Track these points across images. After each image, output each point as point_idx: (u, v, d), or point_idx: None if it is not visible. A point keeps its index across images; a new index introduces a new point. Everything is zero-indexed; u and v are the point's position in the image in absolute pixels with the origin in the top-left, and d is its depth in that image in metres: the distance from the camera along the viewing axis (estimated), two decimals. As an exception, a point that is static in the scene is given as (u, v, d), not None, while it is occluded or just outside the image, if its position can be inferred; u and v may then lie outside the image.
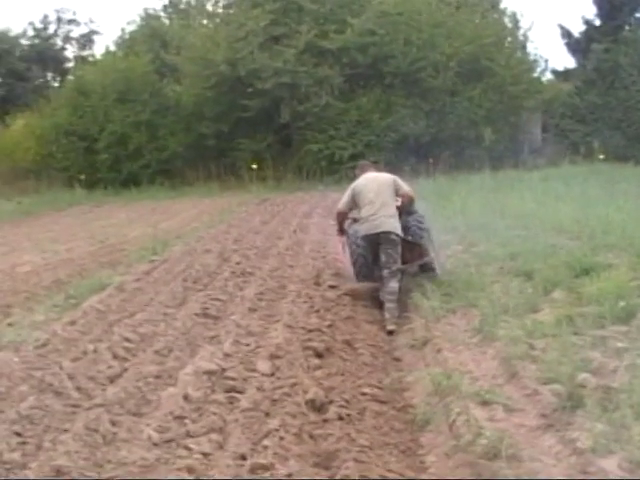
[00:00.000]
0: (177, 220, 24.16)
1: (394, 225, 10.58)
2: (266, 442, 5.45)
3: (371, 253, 10.79)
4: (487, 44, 36.00)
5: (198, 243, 17.18)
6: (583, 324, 8.32)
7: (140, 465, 5.27)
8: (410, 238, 11.04)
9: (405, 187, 11.12)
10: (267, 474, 4.93)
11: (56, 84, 49.86)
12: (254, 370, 7.30)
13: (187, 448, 5.53)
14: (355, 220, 11.38)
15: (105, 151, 37.74)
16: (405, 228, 10.95)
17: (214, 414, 6.12)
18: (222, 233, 19.02)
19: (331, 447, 5.46)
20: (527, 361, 7.21)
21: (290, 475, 4.92)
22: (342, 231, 11.54)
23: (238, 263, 13.84)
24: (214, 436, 5.72)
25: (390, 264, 10.49)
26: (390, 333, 9.61)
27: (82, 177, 37.48)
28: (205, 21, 40.34)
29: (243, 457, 5.30)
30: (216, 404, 6.37)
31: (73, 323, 9.70)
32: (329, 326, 8.98)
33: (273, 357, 7.65)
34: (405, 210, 11.07)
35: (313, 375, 7.11)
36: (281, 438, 5.50)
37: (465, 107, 35.39)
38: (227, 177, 36.65)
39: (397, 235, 10.58)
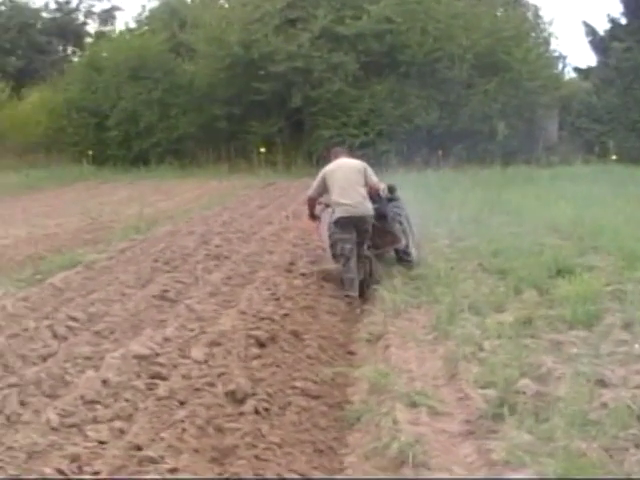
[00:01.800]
0: (177, 200, 23.96)
1: (367, 207, 10.62)
2: (166, 433, 5.19)
3: (347, 233, 10.56)
4: (505, 38, 35.45)
5: (186, 224, 16.96)
6: (543, 327, 8.09)
7: (27, 451, 5.02)
8: (385, 225, 11.23)
9: (374, 178, 11.10)
10: (151, 467, 4.67)
11: (76, 59, 49.59)
12: (187, 357, 7.05)
13: (85, 435, 5.29)
14: (327, 205, 11.35)
15: (115, 128, 37.38)
16: (382, 215, 11.12)
17: (127, 401, 5.89)
18: (214, 215, 18.80)
19: (234, 442, 5.20)
20: (472, 363, 6.96)
21: (175, 470, 4.66)
22: (313, 216, 11.62)
23: (217, 246, 13.61)
24: (118, 424, 5.48)
25: (364, 241, 10.72)
26: (347, 297, 10.09)
27: (90, 153, 37.20)
28: (222, 1, 39.85)
29: (138, 448, 5.05)
30: (133, 390, 6.13)
31: (25, 299, 9.48)
32: (284, 315, 8.71)
33: (212, 344, 7.39)
34: (380, 198, 11.22)
35: (247, 365, 6.85)
36: (183, 430, 5.24)
37: (479, 100, 34.82)
38: (237, 160, 36.31)
39: (370, 217, 10.67)
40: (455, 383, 6.58)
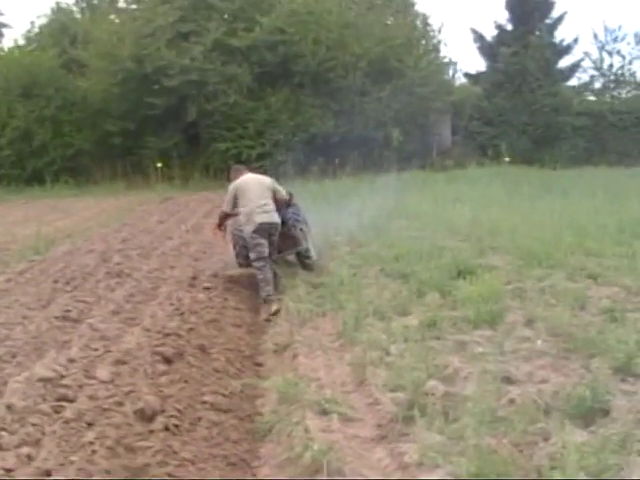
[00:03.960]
0: (74, 219, 23.45)
1: (277, 218, 11.46)
2: (76, 457, 5.07)
3: (263, 240, 11.24)
4: (397, 45, 36.00)
5: (85, 242, 16.63)
6: (447, 328, 8.18)
7: None
8: (286, 230, 11.87)
9: (282, 191, 12.02)
10: (61, 493, 4.56)
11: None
12: (93, 377, 6.89)
13: (-10, 464, 5.12)
14: (235, 215, 11.82)
15: (8, 147, 36.54)
16: (283, 221, 11.68)
17: (34, 425, 5.71)
18: (113, 232, 18.50)
19: (146, 461, 5.11)
20: (380, 367, 6.98)
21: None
22: (220, 226, 12.16)
23: (118, 264, 13.39)
24: (25, 449, 5.31)
25: (273, 250, 11.46)
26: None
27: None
28: (113, 16, 39.33)
29: (48, 473, 4.92)
30: (40, 414, 5.95)
31: None
32: (189, 330, 8.62)
33: (118, 363, 7.25)
34: (280, 208, 11.82)
35: (155, 382, 6.75)
36: (93, 452, 5.13)
37: (374, 107, 35.22)
38: (133, 176, 35.99)
39: (279, 225, 11.52)
40: (364, 388, 6.59)
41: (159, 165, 35.40)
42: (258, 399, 6.99)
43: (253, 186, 11.53)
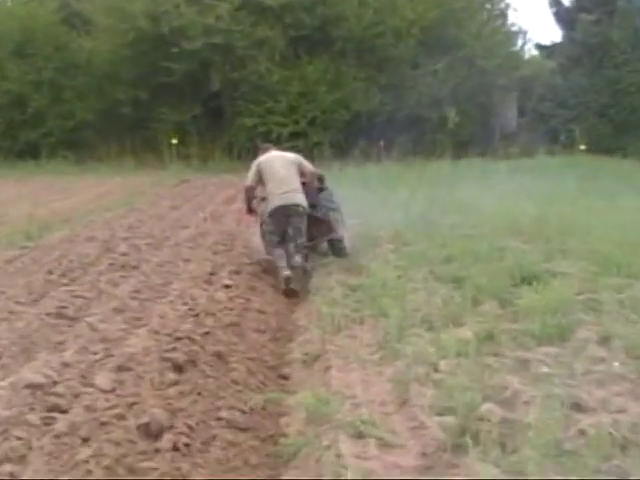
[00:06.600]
0: (74, 200, 23.69)
1: (301, 198, 12.13)
2: (67, 476, 5.10)
3: (279, 228, 12.17)
4: (456, 9, 35.85)
5: (86, 229, 16.77)
6: (507, 343, 8.14)
7: None
8: (318, 214, 12.55)
9: (309, 166, 12.82)
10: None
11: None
12: (91, 385, 6.92)
13: (-34, 485, 5.17)
14: (263, 199, 12.53)
15: (-2, 114, 36.81)
16: (313, 205, 12.50)
17: (19, 439, 5.74)
18: (119, 218, 18.65)
19: (150, 485, 5.14)
20: (426, 386, 6.96)
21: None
22: (251, 209, 12.81)
23: (124, 254, 13.48)
24: (8, 467, 5.33)
25: (297, 237, 12.08)
26: (288, 283, 11.50)
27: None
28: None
29: (34, 497, 4.96)
30: (26, 426, 5.98)
31: None
32: (205, 334, 8.65)
33: (121, 369, 7.28)
34: (311, 188, 12.51)
35: (163, 393, 6.77)
36: (88, 471, 5.16)
37: (427, 83, 35.14)
38: (144, 153, 36.19)
39: (304, 208, 12.14)
40: (407, 410, 6.56)
41: (174, 142, 35.53)
42: (283, 417, 6.98)
43: (278, 163, 12.34)
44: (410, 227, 15.24)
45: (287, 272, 11.57)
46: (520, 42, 43.35)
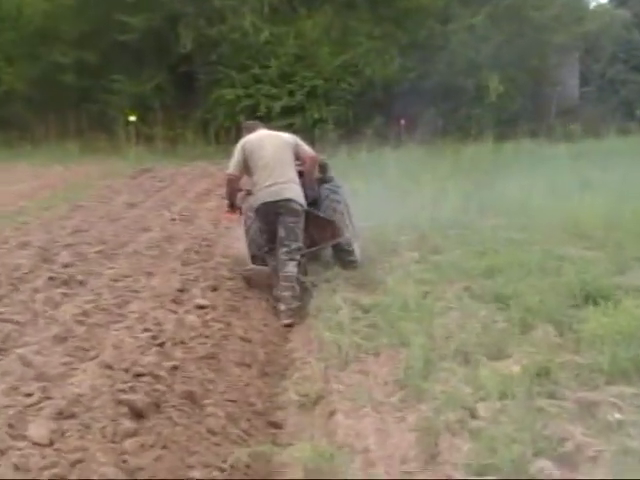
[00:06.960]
0: (1, 196, 23.69)
1: (296, 192, 12.15)
2: None
3: (268, 228, 12.25)
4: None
5: (17, 232, 16.80)
6: (566, 381, 8.13)
7: None
8: (319, 213, 12.50)
9: (308, 150, 12.80)
10: None
11: None
12: (23, 437, 6.92)
13: None
14: (249, 192, 12.55)
15: None
16: (313, 201, 12.44)
17: None
18: (60, 219, 18.72)
19: None
20: (461, 436, 6.95)
21: None
22: (233, 207, 12.86)
23: (66, 266, 13.52)
24: None
25: (290, 241, 12.04)
26: (288, 326, 11.32)
27: None
28: None
29: None
30: (-63, 491, 6.01)
31: None
32: (172, 369, 8.67)
33: (62, 416, 7.28)
34: (310, 179, 12.50)
35: (117, 447, 6.76)
36: None
37: (462, 41, 35.03)
38: (93, 134, 36.21)
39: (300, 205, 12.14)
40: (437, 468, 6.57)
41: (132, 119, 35.44)
42: (274, 476, 6.98)
43: (266, 146, 12.32)
44: (439, 230, 15.35)
45: (288, 320, 11.50)
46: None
